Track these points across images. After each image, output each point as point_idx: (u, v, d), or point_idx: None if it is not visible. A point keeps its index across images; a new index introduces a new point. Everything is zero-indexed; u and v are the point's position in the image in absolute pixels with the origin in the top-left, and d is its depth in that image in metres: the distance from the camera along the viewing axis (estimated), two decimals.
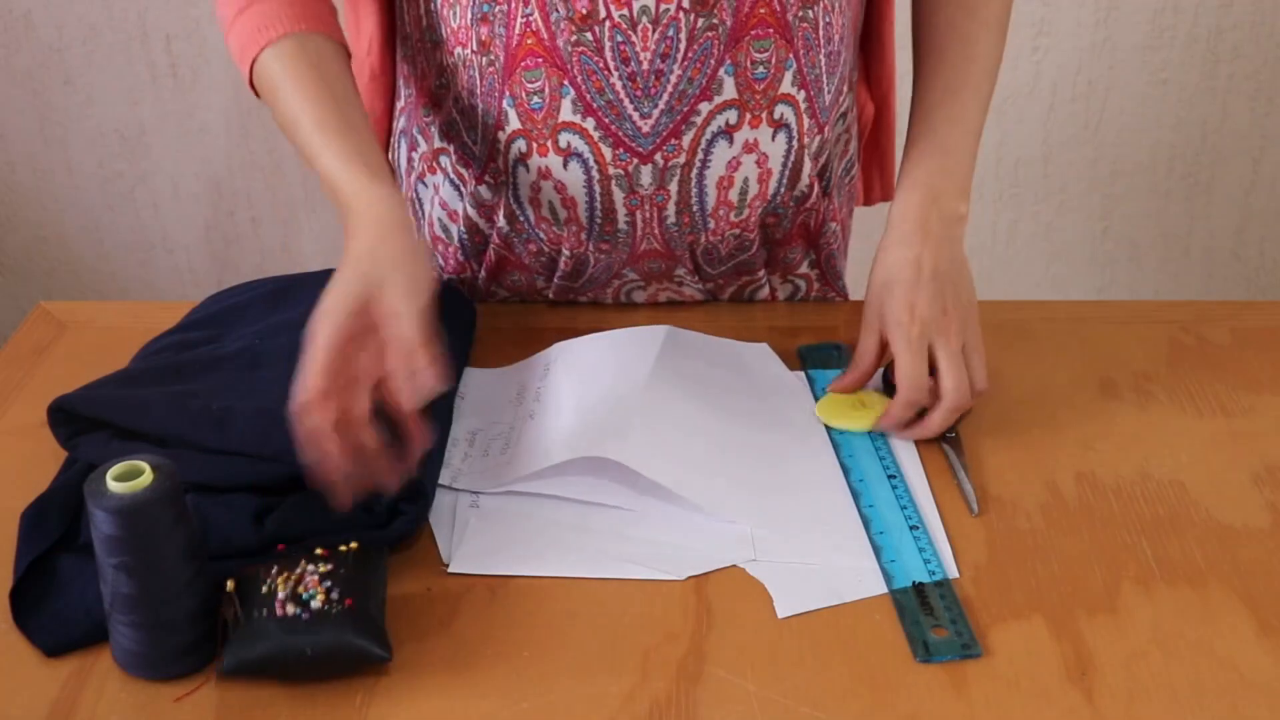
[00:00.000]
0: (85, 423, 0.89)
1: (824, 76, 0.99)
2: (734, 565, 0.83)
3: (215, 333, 1.00)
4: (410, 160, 1.13)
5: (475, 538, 0.85)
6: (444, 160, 1.08)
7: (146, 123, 2.08)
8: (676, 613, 0.79)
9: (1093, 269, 2.21)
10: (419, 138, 1.11)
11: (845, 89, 1.05)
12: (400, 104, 1.13)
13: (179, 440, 0.86)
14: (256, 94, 0.97)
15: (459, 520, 0.87)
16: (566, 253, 1.05)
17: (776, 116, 0.98)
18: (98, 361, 1.00)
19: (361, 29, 1.08)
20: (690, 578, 0.82)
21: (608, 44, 0.93)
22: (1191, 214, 2.15)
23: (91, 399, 0.89)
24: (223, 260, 2.21)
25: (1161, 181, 2.12)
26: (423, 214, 1.14)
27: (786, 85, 0.97)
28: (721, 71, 0.94)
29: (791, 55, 0.96)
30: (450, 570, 0.82)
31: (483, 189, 1.06)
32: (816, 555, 0.84)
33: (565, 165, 0.98)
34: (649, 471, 0.86)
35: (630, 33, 0.92)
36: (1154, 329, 1.08)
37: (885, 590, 0.81)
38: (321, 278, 1.04)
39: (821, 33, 0.97)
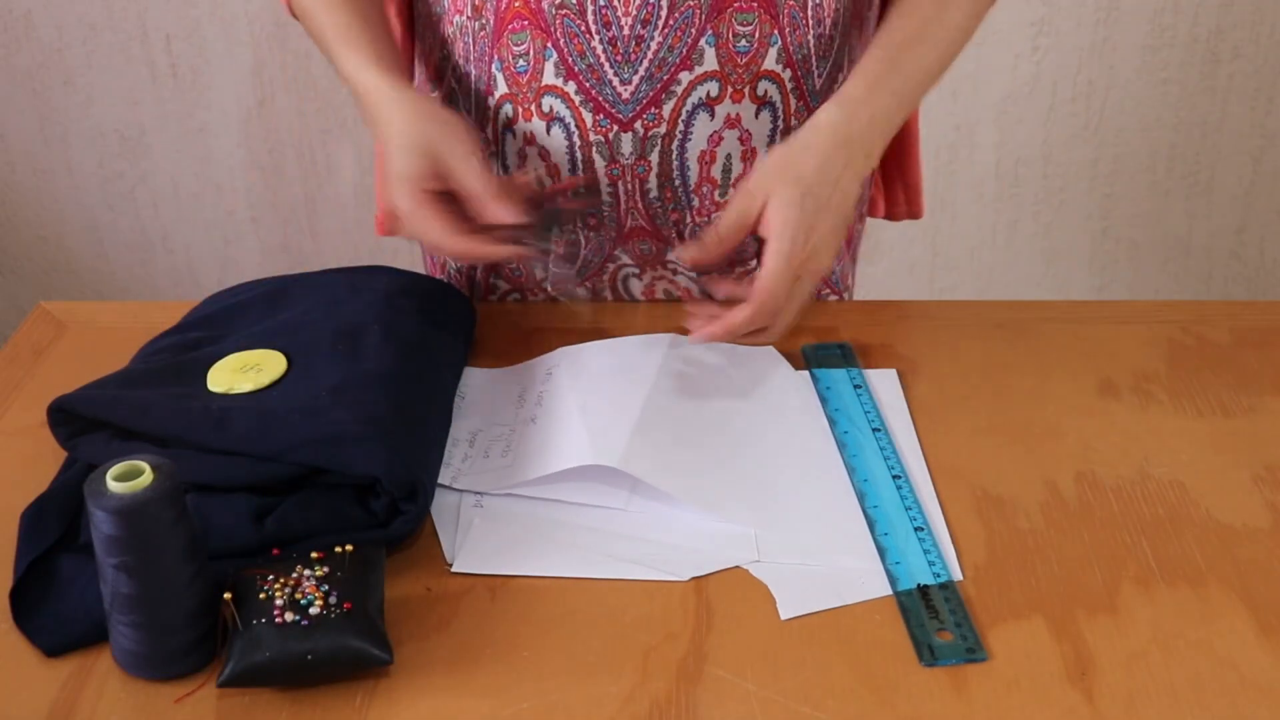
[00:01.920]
0: (85, 423, 0.89)
1: (813, 58, 1.00)
2: (737, 566, 0.83)
3: (215, 333, 1.00)
4: None
5: (479, 537, 0.85)
6: None
7: (146, 123, 2.08)
8: (676, 613, 0.79)
9: (1093, 269, 2.21)
10: None
11: (841, 77, 1.05)
12: (415, 83, 1.15)
13: (179, 440, 0.86)
14: (292, 13, 1.04)
15: (463, 520, 0.87)
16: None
17: (760, 93, 0.98)
18: (98, 361, 1.00)
19: (388, 11, 1.12)
20: (692, 578, 0.82)
21: (590, 7, 0.94)
22: (1191, 214, 2.15)
23: (91, 399, 0.89)
24: (223, 260, 2.21)
25: (1161, 181, 2.12)
26: None
27: (770, 62, 0.97)
28: (702, 41, 0.95)
29: (776, 31, 0.96)
30: (454, 570, 0.82)
31: None
32: (820, 557, 0.84)
33: (548, 130, 0.99)
34: (653, 480, 0.86)
35: None
36: (1154, 329, 1.08)
37: (889, 592, 0.81)
38: (321, 277, 1.04)
39: (810, 13, 0.97)
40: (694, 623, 0.79)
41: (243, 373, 0.91)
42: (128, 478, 0.71)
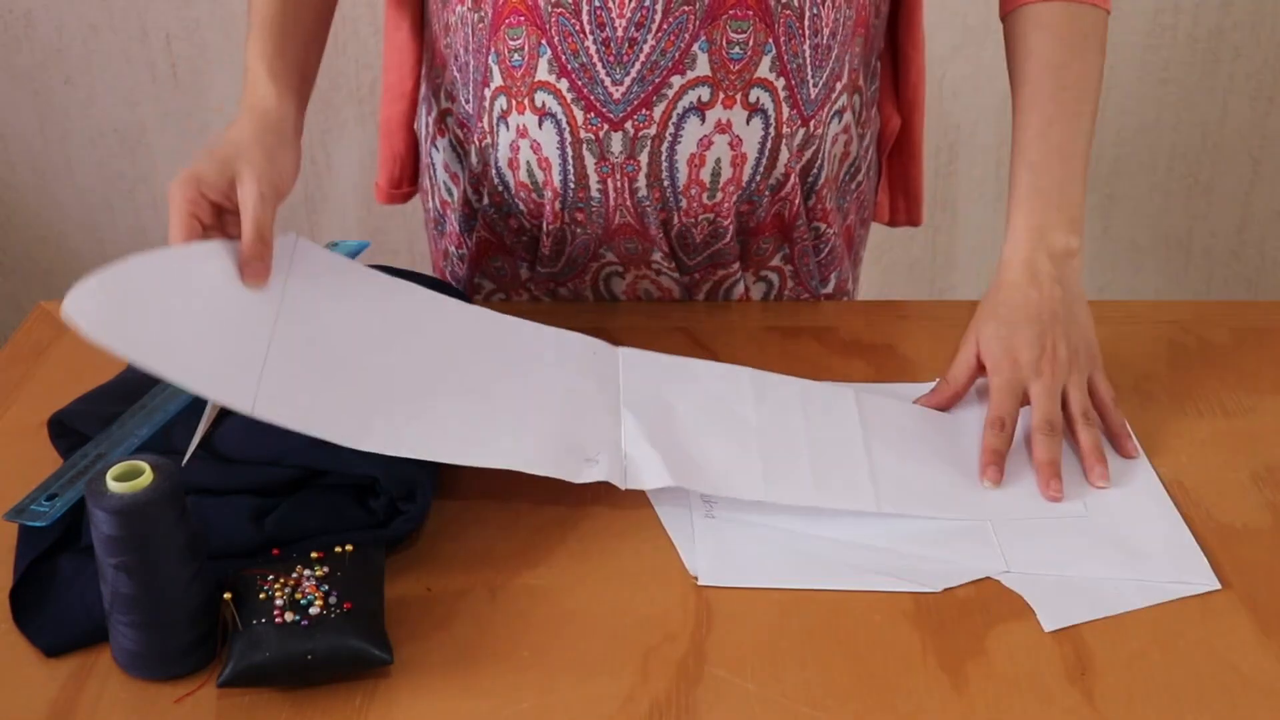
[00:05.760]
0: (85, 435, 0.89)
1: (809, 68, 1.00)
2: (986, 578, 0.81)
3: None
4: (427, 125, 1.17)
5: (718, 549, 0.83)
6: (449, 121, 1.12)
7: (146, 123, 2.08)
8: (676, 613, 0.79)
9: (1093, 269, 2.21)
10: (432, 100, 1.14)
11: (839, 86, 1.05)
12: (423, 70, 1.17)
13: (177, 455, 0.86)
14: None
15: (697, 531, 0.85)
16: (545, 227, 1.06)
17: (752, 100, 0.98)
18: (98, 362, 1.00)
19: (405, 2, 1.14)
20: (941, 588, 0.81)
21: (585, 7, 0.94)
22: (1191, 214, 2.15)
23: (89, 415, 0.89)
24: None
25: (1161, 181, 2.12)
26: (435, 178, 1.17)
27: (764, 70, 0.97)
28: (695, 47, 0.95)
29: (771, 40, 0.96)
30: (700, 584, 0.81)
31: (473, 151, 1.08)
32: (1073, 566, 0.83)
33: (540, 125, 1.00)
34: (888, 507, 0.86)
35: None
36: (1154, 329, 1.08)
37: (1147, 603, 0.79)
38: None
39: (807, 23, 0.98)
40: (694, 623, 0.79)
41: None
42: (128, 478, 0.71)
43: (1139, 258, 2.19)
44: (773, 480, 0.87)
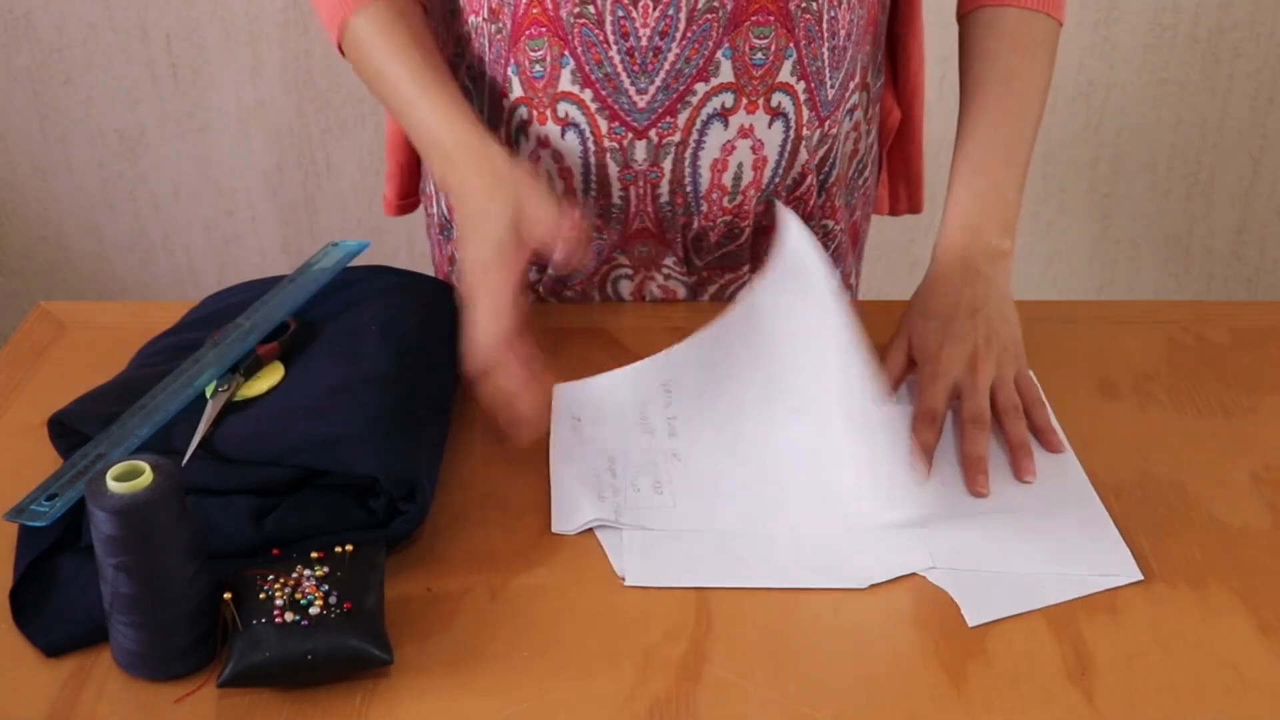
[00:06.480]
0: (85, 435, 0.89)
1: (826, 70, 1.00)
2: (913, 574, 0.82)
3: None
4: None
5: (646, 551, 0.83)
6: None
7: (146, 123, 2.08)
8: (676, 613, 0.79)
9: (1092, 269, 2.21)
10: None
11: (852, 85, 1.05)
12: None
13: (178, 455, 0.86)
14: (342, 54, 1.00)
15: (626, 533, 0.85)
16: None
17: (774, 104, 0.99)
18: (98, 361, 1.00)
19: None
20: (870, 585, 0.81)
21: (608, 18, 0.94)
22: (1191, 214, 2.15)
23: (89, 415, 0.89)
24: (223, 260, 2.21)
25: (1161, 181, 2.12)
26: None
27: (785, 74, 0.98)
28: (719, 54, 0.95)
29: (792, 45, 0.97)
30: (627, 584, 0.81)
31: None
32: (998, 562, 0.82)
33: (563, 135, 1.00)
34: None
35: (631, 8, 0.94)
36: (1154, 329, 1.08)
37: (1070, 596, 0.80)
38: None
39: (825, 26, 0.98)
40: (694, 623, 0.78)
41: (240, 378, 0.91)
42: (128, 478, 0.71)
43: (1139, 258, 2.19)
44: (703, 510, 0.87)
